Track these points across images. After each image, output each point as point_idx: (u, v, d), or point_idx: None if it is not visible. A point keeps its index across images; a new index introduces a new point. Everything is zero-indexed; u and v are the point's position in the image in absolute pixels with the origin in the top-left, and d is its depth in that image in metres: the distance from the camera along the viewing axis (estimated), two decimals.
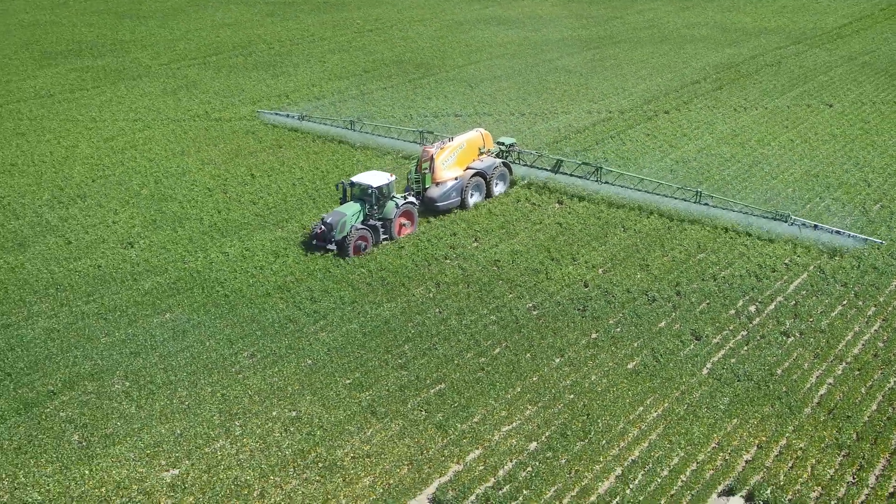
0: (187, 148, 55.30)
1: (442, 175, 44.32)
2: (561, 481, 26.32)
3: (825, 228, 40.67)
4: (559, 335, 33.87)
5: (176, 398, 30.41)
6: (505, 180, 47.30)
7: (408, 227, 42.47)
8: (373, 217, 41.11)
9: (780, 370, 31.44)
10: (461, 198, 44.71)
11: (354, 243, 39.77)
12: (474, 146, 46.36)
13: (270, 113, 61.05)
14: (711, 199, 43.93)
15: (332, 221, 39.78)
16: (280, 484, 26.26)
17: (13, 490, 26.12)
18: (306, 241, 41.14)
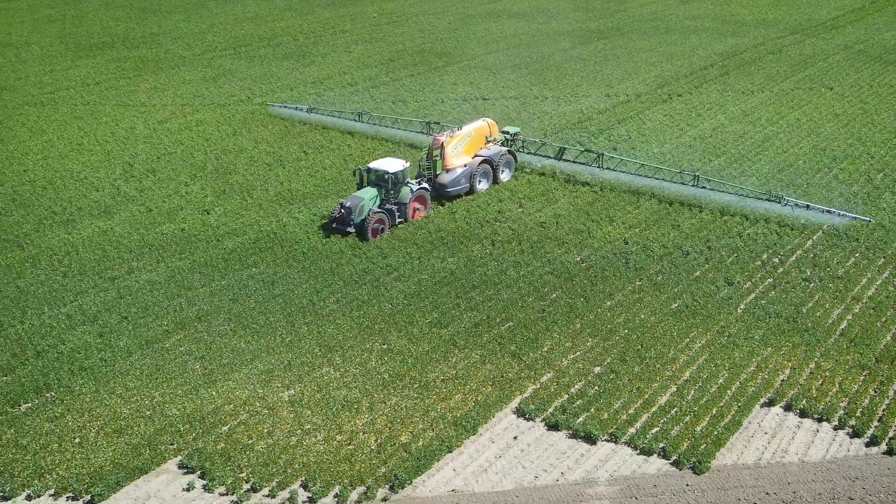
0: (238, 128, 59.31)
1: (452, 162, 46.45)
2: (625, 396, 30.57)
3: (816, 208, 43.49)
4: (607, 283, 38.15)
5: (277, 336, 34.51)
6: (510, 167, 49.58)
7: (421, 211, 44.54)
8: (389, 201, 43.12)
9: (805, 309, 35.76)
10: (470, 184, 46.94)
11: (372, 226, 41.62)
12: (481, 135, 48.59)
13: (280, 106, 63.45)
14: (708, 183, 46.57)
15: (351, 205, 41.80)
16: (384, 399, 30.44)
17: (153, 408, 30.19)
18: (326, 223, 43.50)
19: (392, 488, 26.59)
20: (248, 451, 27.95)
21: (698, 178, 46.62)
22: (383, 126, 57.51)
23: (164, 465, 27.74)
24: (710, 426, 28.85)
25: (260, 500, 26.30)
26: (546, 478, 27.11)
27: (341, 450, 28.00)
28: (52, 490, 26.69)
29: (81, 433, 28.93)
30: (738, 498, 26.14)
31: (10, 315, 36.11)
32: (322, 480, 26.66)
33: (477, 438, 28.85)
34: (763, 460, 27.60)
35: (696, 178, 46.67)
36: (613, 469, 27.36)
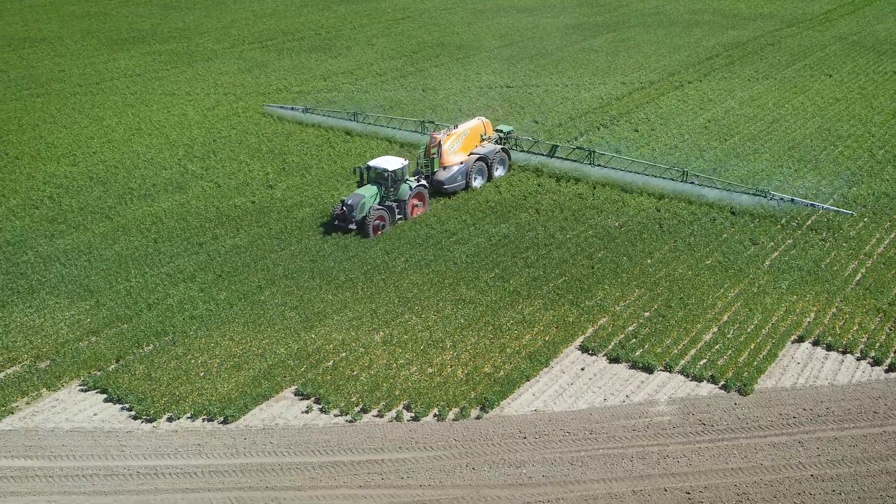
0: (284, 114, 63.44)
1: (449, 160, 47.79)
2: (674, 335, 35.02)
3: (801, 202, 45.00)
4: (645, 244, 42.61)
5: (359, 289, 38.78)
6: (504, 165, 51.04)
7: (420, 208, 45.57)
8: (389, 198, 44.08)
9: (823, 264, 40.31)
10: (466, 181, 48.20)
11: (374, 223, 42.65)
12: (476, 133, 49.95)
13: (276, 107, 64.08)
14: (697, 178, 48.02)
15: (353, 203, 42.68)
16: (464, 339, 34.78)
17: (263, 348, 34.41)
18: (327, 221, 44.58)
19: (483, 408, 30.92)
20: (353, 380, 32.19)
21: (687, 174, 47.96)
22: (379, 125, 58.43)
23: (282, 392, 31.97)
24: (751, 358, 33.29)
25: (370, 419, 30.57)
26: (613, 400, 31.50)
27: (434, 379, 32.29)
28: (190, 413, 30.83)
29: (204, 368, 33.11)
30: (779, 413, 30.58)
31: (116, 275, 40.19)
32: (422, 403, 30.94)
33: (549, 370, 33.22)
34: (798, 384, 32.07)
35: (685, 174, 48.03)
36: (671, 392, 31.77)
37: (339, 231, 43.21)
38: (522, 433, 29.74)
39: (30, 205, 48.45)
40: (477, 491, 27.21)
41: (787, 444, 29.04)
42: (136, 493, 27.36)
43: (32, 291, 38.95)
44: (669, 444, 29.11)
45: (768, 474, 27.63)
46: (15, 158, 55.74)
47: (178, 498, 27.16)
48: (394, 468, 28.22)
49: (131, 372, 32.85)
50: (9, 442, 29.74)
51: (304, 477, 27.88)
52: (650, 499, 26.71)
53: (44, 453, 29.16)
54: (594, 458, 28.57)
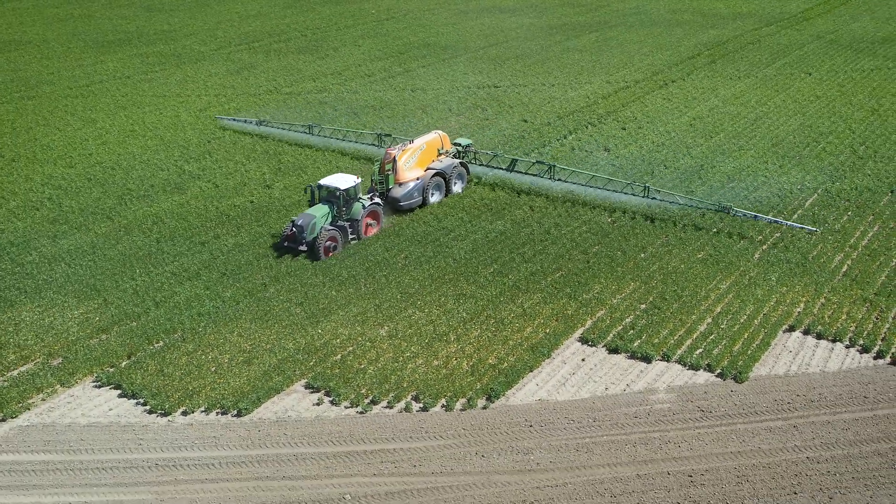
0: (277, 115, 64.15)
1: (404, 176, 46.45)
2: (670, 325, 36.18)
3: (764, 218, 43.84)
4: (638, 239, 43.77)
5: (361, 286, 39.68)
6: (463, 179, 49.68)
7: (374, 227, 44.30)
8: (341, 218, 42.78)
9: (811, 256, 41.65)
10: (423, 197, 47.00)
11: (325, 244, 41.27)
12: (433, 147, 48.73)
13: (229, 119, 62.34)
14: (659, 194, 46.60)
15: (303, 223, 41.36)
16: (467, 332, 35.80)
17: (271, 343, 35.24)
18: (277, 243, 43.24)
19: (489, 399, 31.92)
20: (362, 373, 33.10)
21: (648, 190, 46.63)
22: (334, 139, 57.17)
23: (293, 386, 32.82)
24: (744, 347, 34.50)
25: (380, 410, 31.50)
26: (614, 389, 32.61)
27: (440, 371, 33.26)
28: (204, 407, 31.62)
29: (216, 363, 33.90)
30: (774, 399, 31.79)
31: (121, 274, 40.84)
32: (430, 394, 31.90)
33: (551, 361, 34.27)
34: (791, 371, 33.30)
35: (647, 189, 46.65)
36: (669, 381, 32.90)
37: (289, 252, 41.93)
38: (528, 422, 30.76)
39: (30, 206, 48.94)
40: (487, 477, 28.19)
41: (782, 428, 30.23)
42: (155, 485, 28.11)
43: (39, 291, 39.53)
44: (670, 430, 30.23)
45: (766, 457, 28.81)
46: (11, 161, 56.15)
47: (197, 489, 27.94)
48: (405, 457, 29.15)
49: (144, 368, 33.58)
50: (28, 437, 30.40)
51: (319, 466, 28.76)
52: (654, 482, 27.79)
53: (62, 447, 29.85)
54: (598, 444, 29.63)
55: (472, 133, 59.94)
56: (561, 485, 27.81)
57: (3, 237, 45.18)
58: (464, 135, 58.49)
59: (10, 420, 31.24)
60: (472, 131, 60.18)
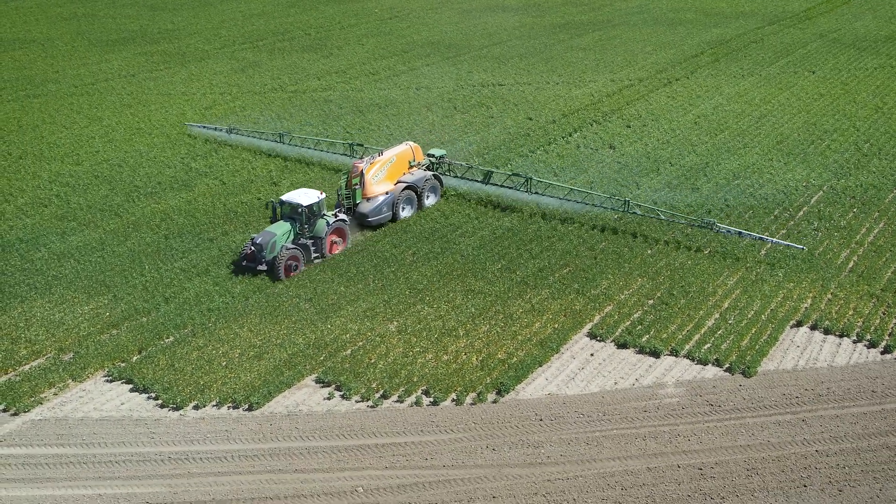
0: (283, 113, 64.38)
1: (372, 190, 44.54)
2: (678, 321, 36.34)
3: (748, 235, 41.67)
4: (646, 235, 43.95)
5: (370, 281, 39.84)
6: (436, 192, 47.68)
7: (339, 245, 42.35)
8: (304, 236, 40.80)
9: (817, 252, 41.81)
10: (392, 212, 45.11)
11: (285, 264, 39.45)
12: (404, 159, 46.77)
13: (199, 126, 60.16)
14: (639, 209, 44.49)
15: (262, 242, 39.39)
16: (476, 328, 35.96)
17: (281, 338, 35.40)
18: (236, 261, 41.25)
19: (499, 393, 32.08)
20: (372, 368, 33.26)
21: (629, 204, 44.33)
22: (306, 147, 54.83)
23: (304, 380, 32.98)
24: (752, 342, 34.67)
25: (391, 404, 31.67)
26: (623, 383, 32.78)
27: (450, 366, 33.43)
28: (215, 401, 31.78)
29: (226, 358, 34.07)
30: (782, 394, 31.96)
31: (130, 270, 41.00)
32: (440, 388, 32.06)
33: (560, 356, 34.44)
34: (799, 366, 33.48)
35: (627, 203, 44.32)
36: (678, 375, 33.08)
37: (248, 273, 39.92)
38: (538, 415, 30.94)
39: (38, 203, 49.12)
40: (498, 470, 28.37)
41: (791, 422, 30.41)
42: (168, 478, 28.28)
43: (49, 287, 39.71)
44: (680, 424, 30.40)
45: (775, 450, 28.98)
46: (18, 158, 56.32)
47: (209, 482, 28.10)
48: (417, 450, 29.32)
49: (154, 363, 33.76)
50: (41, 431, 30.58)
51: (331, 460, 28.93)
52: (664, 475, 27.96)
53: (75, 441, 30.02)
54: (608, 437, 29.80)
55: (477, 131, 60.16)
56: (572, 478, 27.98)
57: (12, 233, 45.35)
58: (467, 133, 58.65)
59: (23, 414, 31.41)
60: (478, 129, 60.40)
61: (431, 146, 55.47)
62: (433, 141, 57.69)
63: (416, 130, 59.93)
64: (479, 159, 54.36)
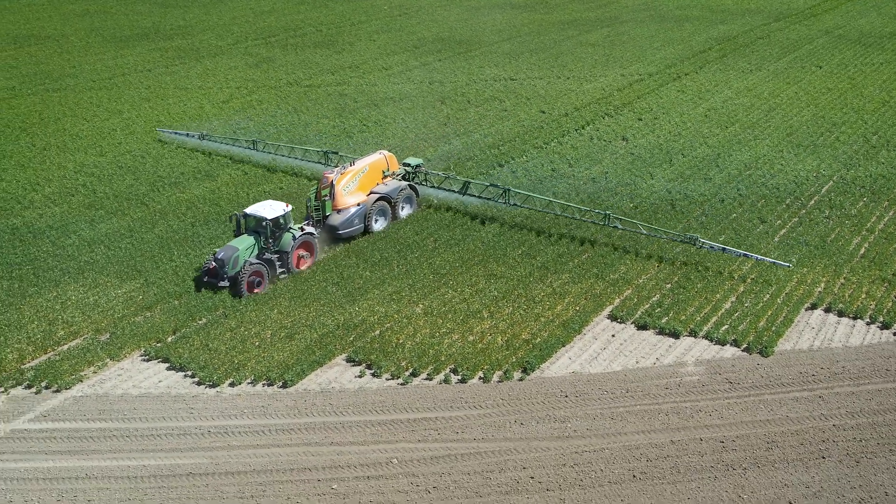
0: (299, 107, 65.45)
1: (344, 201, 42.91)
2: (695, 304, 37.36)
3: (732, 251, 40.27)
4: (660, 223, 44.89)
5: (394, 267, 40.87)
6: (411, 203, 46.28)
7: (307, 259, 40.82)
8: (268, 250, 39.27)
9: (829, 239, 42.85)
10: (364, 224, 43.60)
11: (248, 279, 37.90)
12: (378, 169, 45.20)
13: (170, 132, 58.73)
14: (620, 223, 43.05)
15: (224, 257, 37.83)
16: (500, 310, 37.01)
17: (311, 320, 36.41)
18: (197, 277, 39.58)
19: (524, 371, 33.13)
20: (400, 348, 34.29)
21: (609, 218, 42.85)
22: (280, 155, 53.04)
23: (335, 359, 34.02)
24: (769, 323, 35.69)
25: (420, 382, 32.70)
26: (645, 362, 33.82)
27: (476, 346, 34.46)
28: (250, 379, 32.83)
29: (259, 339, 35.10)
30: (799, 372, 32.99)
31: (160, 256, 42.05)
32: (467, 366, 33.11)
33: (582, 337, 35.48)
34: (814, 346, 34.50)
35: (607, 216, 42.85)
36: (697, 355, 34.11)
37: (210, 289, 38.35)
38: (564, 392, 31.98)
39: (65, 192, 50.17)
40: (527, 443, 29.40)
41: (808, 398, 31.44)
42: (209, 450, 29.31)
43: (81, 272, 40.75)
44: (701, 401, 31.44)
45: (794, 425, 30.02)
46: (42, 150, 57.39)
47: (249, 454, 29.14)
48: (447, 425, 30.35)
49: (189, 343, 34.79)
50: (83, 406, 31.61)
51: (365, 433, 29.97)
52: (688, 448, 29.00)
53: (117, 416, 31.06)
54: (632, 413, 30.84)
55: (491, 124, 61.17)
56: (598, 450, 29.01)
57: (42, 221, 46.41)
58: (481, 126, 59.71)
59: (65, 391, 32.43)
60: (492, 122, 61.43)
61: (447, 138, 56.56)
62: (448, 133, 58.77)
63: (431, 123, 60.99)
64: (495, 151, 55.40)
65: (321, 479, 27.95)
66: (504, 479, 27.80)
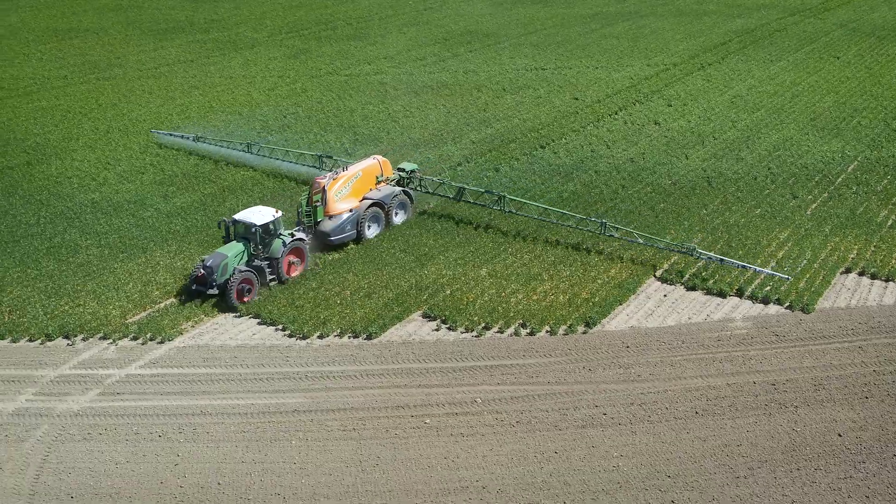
0: (343, 94, 68.53)
1: (335, 207, 42.32)
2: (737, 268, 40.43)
3: (731, 262, 39.62)
4: (698, 198, 47.89)
5: (458, 235, 43.80)
6: (406, 209, 45.47)
7: (297, 266, 40.03)
8: (258, 257, 38.60)
9: (858, 212, 45.86)
10: (357, 230, 42.84)
11: (237, 287, 37.09)
12: (371, 174, 44.51)
13: (165, 133, 58.55)
14: (616, 231, 42.34)
15: (213, 264, 37.10)
16: (558, 273, 39.94)
17: (386, 281, 39.41)
18: (186, 285, 38.95)
19: (587, 325, 36.15)
20: (471, 305, 37.33)
21: (605, 226, 42.01)
22: (274, 158, 52.33)
23: (412, 315, 37.05)
24: (808, 285, 38.68)
25: (493, 335, 35.74)
26: (696, 318, 36.81)
27: (541, 303, 37.49)
28: (337, 332, 35.87)
29: (339, 298, 38.13)
30: (839, 326, 35.97)
31: None
32: (535, 321, 36.14)
33: (636, 297, 38.50)
34: (851, 304, 37.48)
35: (604, 225, 42.01)
36: (744, 312, 37.10)
37: (198, 296, 37.82)
38: (625, 343, 35.00)
39: (135, 171, 53.23)
40: (596, 386, 32.43)
41: (849, 349, 34.46)
42: (309, 392, 32.36)
43: (165, 240, 43.79)
44: (751, 350, 34.46)
45: (838, 371, 33.04)
46: (106, 133, 60.47)
47: (346, 394, 32.18)
48: (522, 370, 33.39)
49: (276, 302, 37.83)
50: (187, 355, 34.66)
51: (449, 377, 33.00)
52: (743, 389, 32.03)
53: (220, 363, 34.10)
54: (689, 360, 33.87)
55: (527, 110, 64.19)
56: (661, 391, 32.03)
57: (119, 196, 49.48)
58: (519, 111, 62.73)
59: (168, 342, 35.47)
60: (528, 108, 64.44)
61: (489, 122, 59.59)
62: (489, 118, 61.77)
63: (472, 108, 64.00)
64: (535, 134, 58.43)
65: (414, 416, 30.95)
66: (579, 416, 30.81)
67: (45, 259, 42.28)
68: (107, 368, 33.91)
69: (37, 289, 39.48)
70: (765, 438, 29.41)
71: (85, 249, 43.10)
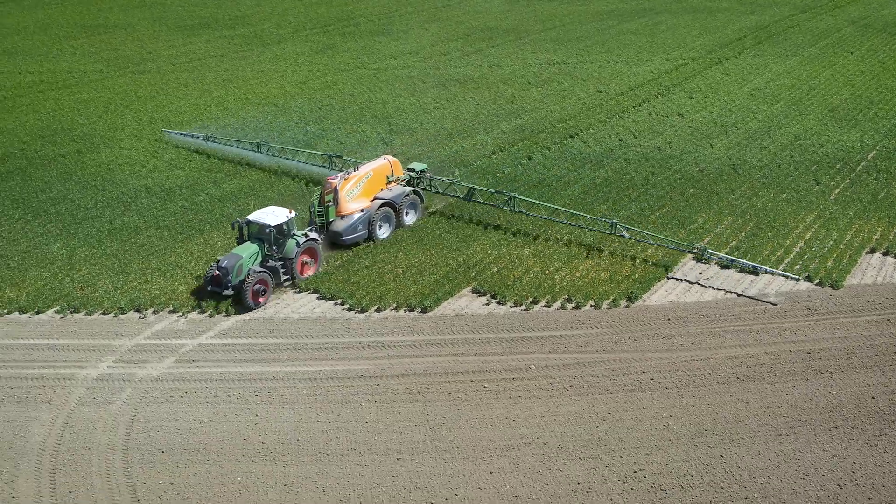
0: (373, 87, 70.67)
1: (347, 207, 42.56)
2: (769, 247, 42.43)
3: (741, 263, 40.51)
4: (725, 184, 50.02)
5: (497, 219, 45.96)
6: (416, 209, 45.73)
7: (311, 266, 40.27)
8: (272, 258, 38.65)
9: (880, 197, 47.97)
10: (369, 230, 43.10)
11: (253, 288, 37.25)
12: (382, 174, 44.76)
13: (176, 133, 58.87)
14: (626, 231, 42.72)
15: (228, 265, 37.24)
16: (598, 253, 42.08)
17: (435, 260, 41.53)
18: (201, 286, 39.08)
19: (629, 300, 38.27)
20: (518, 282, 39.46)
21: (615, 227, 42.41)
22: (283, 158, 52.66)
23: (462, 291, 39.17)
24: (836, 263, 40.79)
25: (541, 308, 37.86)
26: (731, 294, 38.98)
27: (584, 280, 39.61)
28: (393, 305, 38.00)
29: (392, 275, 40.26)
30: (867, 301, 38.06)
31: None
32: (580, 296, 38.27)
33: (673, 274, 40.61)
34: (878, 281, 39.58)
35: (614, 226, 42.42)
36: (776, 288, 39.20)
37: (214, 297, 37.91)
38: (666, 316, 37.11)
39: (183, 158, 55.35)
40: (642, 354, 34.54)
41: (877, 321, 36.54)
42: (372, 359, 34.46)
43: (218, 223, 45.91)
44: (785, 323, 36.56)
45: (868, 341, 35.12)
46: (149, 123, 62.61)
47: (407, 362, 34.30)
48: (571, 340, 35.49)
49: (332, 278, 39.94)
50: (253, 327, 36.78)
51: (503, 346, 35.10)
52: (780, 357, 34.12)
53: (285, 334, 36.20)
54: (727, 332, 35.96)
55: (554, 102, 66.32)
56: (703, 360, 34.13)
57: (170, 182, 51.62)
58: (545, 104, 64.81)
59: (234, 316, 37.56)
60: (554, 100, 66.57)
61: (518, 114, 61.72)
62: (517, 109, 63.92)
63: (500, 101, 66.14)
64: (563, 125, 60.55)
65: (473, 381, 33.06)
66: (628, 381, 32.92)
67: (108, 240, 44.41)
68: (179, 339, 36.00)
69: (104, 266, 41.60)
70: (803, 401, 31.48)
71: (145, 231, 45.22)
